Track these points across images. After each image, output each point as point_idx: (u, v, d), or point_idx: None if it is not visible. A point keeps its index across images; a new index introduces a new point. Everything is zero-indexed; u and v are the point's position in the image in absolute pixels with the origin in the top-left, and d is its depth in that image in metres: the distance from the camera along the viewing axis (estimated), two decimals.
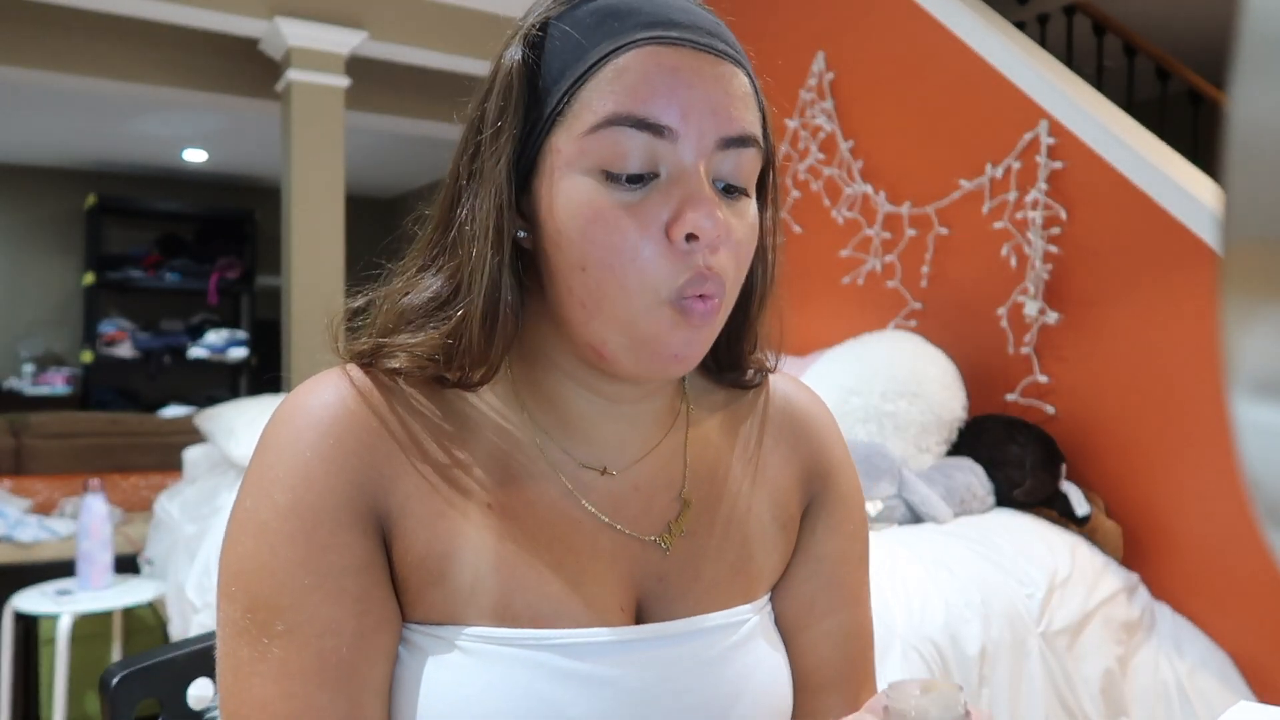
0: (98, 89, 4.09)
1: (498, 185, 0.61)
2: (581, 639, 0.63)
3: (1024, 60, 2.33)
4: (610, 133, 0.58)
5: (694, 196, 0.59)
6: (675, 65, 0.59)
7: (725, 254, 0.61)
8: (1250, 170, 0.22)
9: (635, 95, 0.58)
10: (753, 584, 0.71)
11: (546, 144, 0.61)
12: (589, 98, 0.59)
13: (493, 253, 0.62)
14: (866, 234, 2.73)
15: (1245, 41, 0.22)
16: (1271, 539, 0.25)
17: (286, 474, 0.61)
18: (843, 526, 0.77)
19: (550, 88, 0.61)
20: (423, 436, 0.64)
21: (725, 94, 0.60)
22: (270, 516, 0.60)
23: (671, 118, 0.58)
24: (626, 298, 0.60)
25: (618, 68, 0.59)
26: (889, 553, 1.76)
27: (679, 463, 0.72)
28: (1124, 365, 2.16)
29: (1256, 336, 0.22)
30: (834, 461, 0.78)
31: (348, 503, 0.61)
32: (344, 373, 0.65)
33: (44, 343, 6.36)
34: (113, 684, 0.85)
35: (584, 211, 0.59)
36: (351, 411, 0.63)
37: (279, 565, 0.60)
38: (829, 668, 0.75)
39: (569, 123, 0.60)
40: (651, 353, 0.61)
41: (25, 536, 3.06)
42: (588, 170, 0.59)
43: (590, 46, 0.60)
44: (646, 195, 0.59)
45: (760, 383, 0.78)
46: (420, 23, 3.86)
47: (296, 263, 3.67)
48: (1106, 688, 1.82)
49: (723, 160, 0.61)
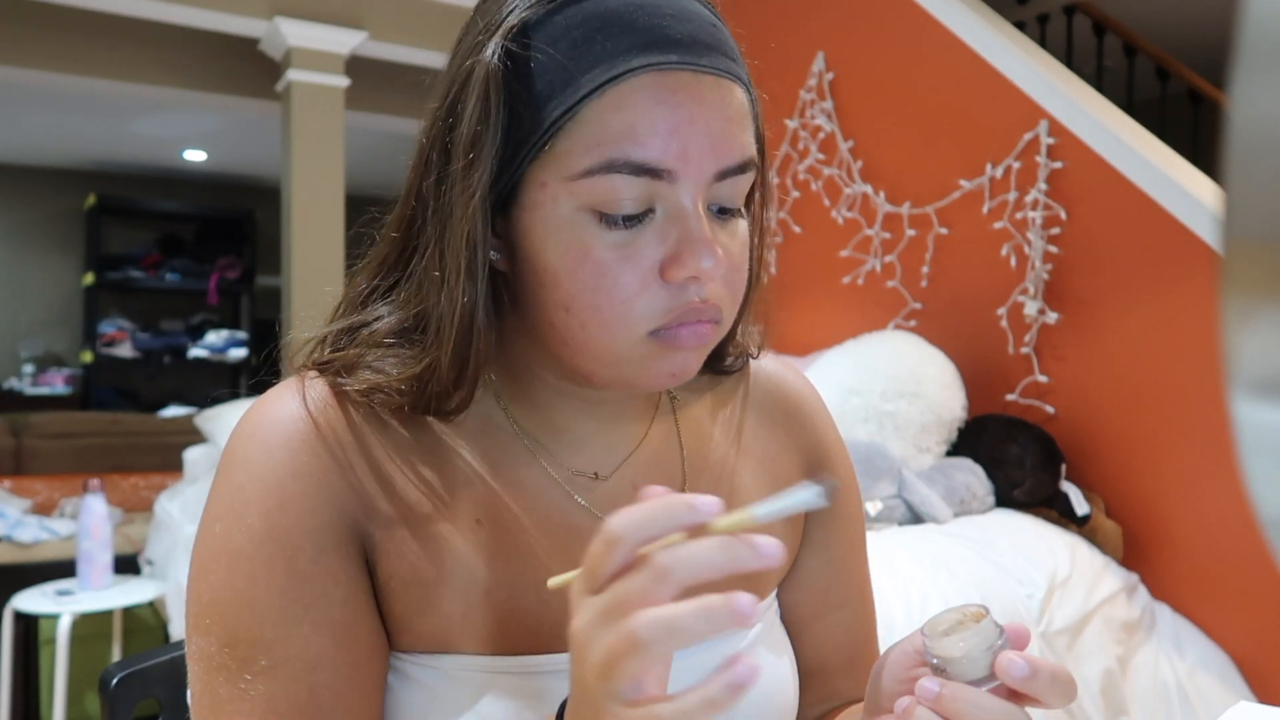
0: (98, 89, 4.09)
1: (472, 225, 0.56)
2: None
3: (1024, 60, 2.33)
4: (605, 179, 0.54)
5: (693, 238, 0.55)
6: (674, 101, 0.54)
7: (721, 285, 0.58)
8: (1250, 170, 0.22)
9: (633, 138, 0.53)
10: (759, 582, 0.69)
11: (529, 173, 0.56)
12: (580, 134, 0.54)
13: (465, 296, 0.56)
14: (866, 234, 2.73)
15: (1245, 41, 0.22)
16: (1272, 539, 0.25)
17: (259, 495, 0.56)
18: (846, 511, 0.76)
19: (534, 113, 0.55)
20: (399, 454, 0.60)
21: (724, 120, 0.56)
22: (245, 542, 0.56)
23: (671, 160, 0.54)
24: (610, 337, 0.56)
25: (613, 105, 0.53)
26: (889, 553, 1.76)
27: (675, 455, 0.69)
28: (1124, 365, 2.15)
29: (1256, 336, 0.22)
30: (831, 447, 0.77)
31: (328, 525, 0.57)
32: (303, 385, 0.61)
33: (44, 343, 6.36)
34: (112, 684, 0.85)
35: (573, 251, 0.55)
36: (323, 426, 0.59)
37: (258, 595, 0.55)
38: (841, 653, 0.74)
39: (558, 158, 0.54)
40: (646, 378, 0.58)
41: (25, 536, 3.06)
42: (577, 209, 0.55)
43: (578, 72, 0.54)
44: (640, 234, 0.55)
45: (742, 367, 0.75)
46: (420, 23, 3.86)
47: (296, 263, 3.67)
48: (1106, 688, 1.82)
49: (719, 189, 0.57)
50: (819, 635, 0.74)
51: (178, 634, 2.61)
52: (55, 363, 6.34)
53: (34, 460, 3.70)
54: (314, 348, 0.63)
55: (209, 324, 6.49)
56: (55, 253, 6.44)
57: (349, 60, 3.85)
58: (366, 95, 4.19)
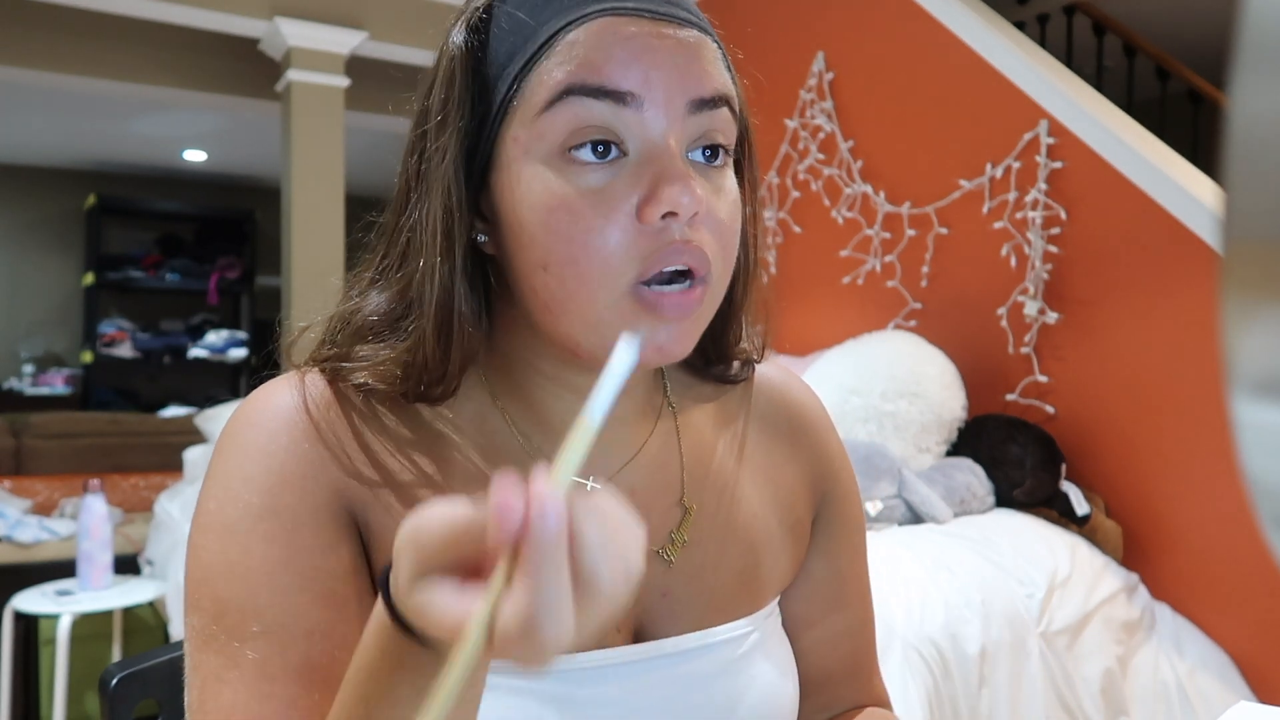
0: (98, 89, 4.09)
1: (445, 184, 0.56)
2: (577, 664, 0.59)
3: (1024, 60, 2.33)
4: (565, 106, 0.53)
5: (667, 171, 0.53)
6: (630, 33, 0.54)
7: (707, 234, 0.55)
8: (1250, 170, 0.22)
9: (590, 63, 0.53)
10: (759, 592, 0.68)
11: (502, 134, 0.56)
12: (539, 79, 0.54)
13: (442, 259, 0.56)
14: (866, 234, 2.73)
15: (1245, 41, 0.22)
16: (1272, 539, 0.25)
17: (259, 474, 0.56)
18: (850, 522, 0.75)
19: (499, 74, 0.56)
20: (397, 448, 0.60)
21: (689, 54, 0.55)
22: (241, 517, 0.55)
23: (633, 81, 0.53)
24: (589, 291, 0.54)
25: (569, 41, 0.54)
26: (889, 553, 1.76)
27: (675, 463, 0.67)
28: (1124, 365, 2.15)
29: (1256, 336, 0.22)
30: (836, 458, 0.76)
31: (327, 506, 0.56)
32: (302, 380, 0.60)
33: (44, 343, 6.36)
34: (111, 685, 0.85)
35: (545, 201, 0.54)
36: (319, 418, 0.58)
37: (253, 565, 0.53)
38: (844, 662, 0.74)
39: (522, 107, 0.55)
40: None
41: (25, 537, 3.06)
42: (547, 155, 0.54)
43: (539, 25, 0.55)
44: (614, 177, 0.54)
45: (747, 376, 0.73)
46: (420, 23, 3.86)
47: (296, 263, 3.67)
48: (1106, 688, 1.82)
49: (695, 125, 0.55)
50: (822, 643, 0.73)
51: (178, 634, 2.61)
52: (55, 363, 6.34)
53: (34, 460, 3.70)
54: (314, 346, 0.63)
55: (209, 324, 6.49)
56: (55, 253, 6.44)
57: (349, 60, 3.85)
58: (366, 95, 4.19)
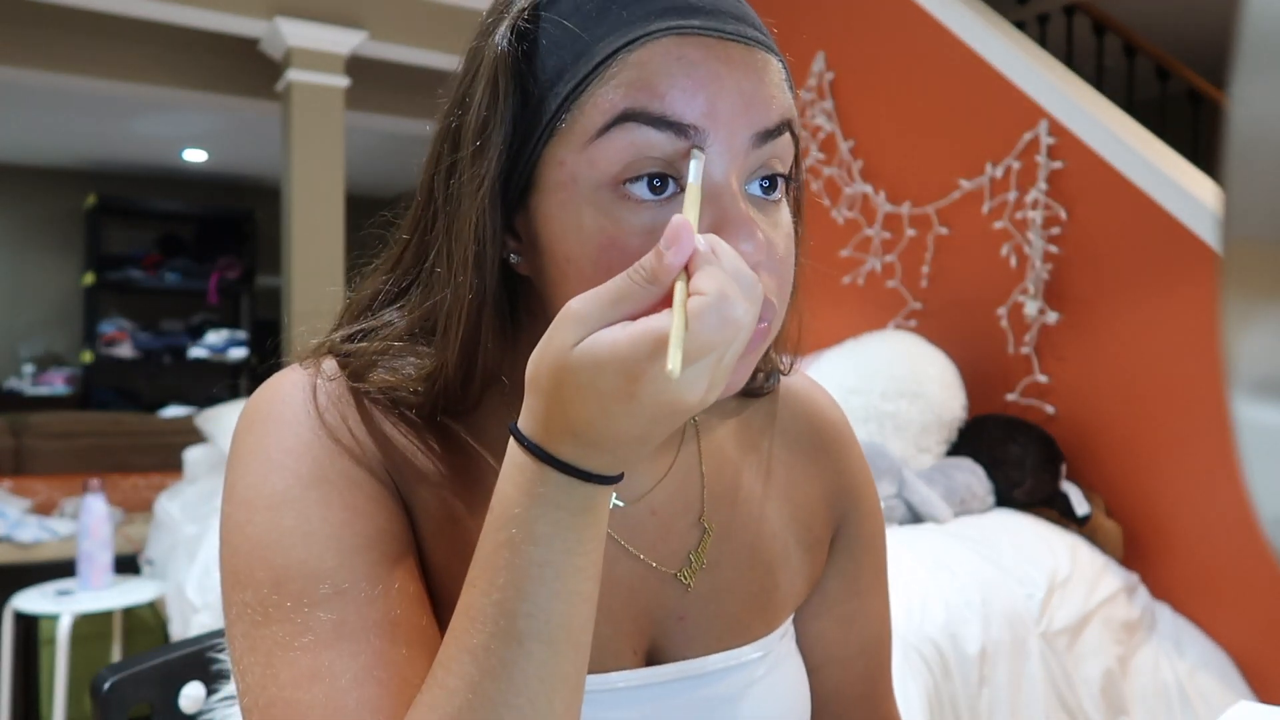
0: (98, 89, 4.09)
1: (479, 214, 0.52)
2: (591, 687, 0.56)
3: (1024, 60, 2.33)
4: (622, 133, 0.48)
5: (729, 216, 0.49)
6: (696, 58, 0.49)
7: (767, 275, 0.51)
8: (1250, 170, 0.22)
9: (651, 89, 0.48)
10: (775, 613, 0.65)
11: (546, 155, 0.51)
12: (595, 103, 0.49)
13: (472, 294, 0.52)
14: (866, 234, 2.73)
15: (1245, 41, 0.22)
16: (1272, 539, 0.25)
17: (300, 445, 0.52)
18: (870, 541, 0.73)
19: (547, 91, 0.51)
20: (425, 454, 0.57)
21: (756, 80, 0.50)
22: (289, 485, 0.51)
23: (695, 113, 0.48)
24: None
25: (628, 64, 0.49)
26: (889, 553, 1.76)
27: (695, 482, 0.65)
28: (1124, 365, 2.15)
29: (1256, 336, 0.22)
30: (858, 476, 0.73)
31: (378, 475, 0.53)
32: (318, 366, 0.57)
33: (44, 343, 6.36)
34: (104, 688, 0.85)
35: (596, 238, 0.49)
36: (348, 401, 0.56)
37: (313, 529, 0.50)
38: (860, 684, 0.72)
39: (572, 130, 0.50)
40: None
41: (25, 536, 3.06)
42: (598, 186, 0.49)
43: (593, 41, 0.50)
44: (670, 215, 0.48)
45: (774, 388, 0.70)
46: (420, 23, 3.86)
47: (296, 263, 3.67)
48: (1106, 688, 1.82)
49: (757, 158, 0.51)
50: (838, 663, 0.71)
51: (178, 634, 2.61)
52: (55, 363, 6.33)
53: (34, 460, 3.70)
54: (326, 349, 0.59)
55: (209, 324, 6.49)
56: (55, 253, 6.44)
57: (349, 60, 3.85)
58: (366, 95, 4.20)
